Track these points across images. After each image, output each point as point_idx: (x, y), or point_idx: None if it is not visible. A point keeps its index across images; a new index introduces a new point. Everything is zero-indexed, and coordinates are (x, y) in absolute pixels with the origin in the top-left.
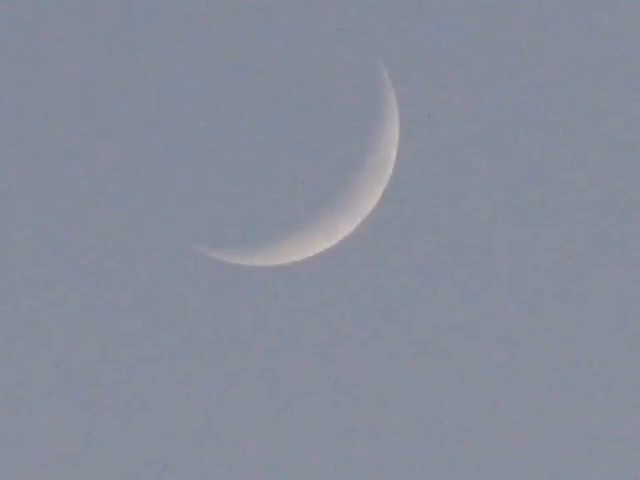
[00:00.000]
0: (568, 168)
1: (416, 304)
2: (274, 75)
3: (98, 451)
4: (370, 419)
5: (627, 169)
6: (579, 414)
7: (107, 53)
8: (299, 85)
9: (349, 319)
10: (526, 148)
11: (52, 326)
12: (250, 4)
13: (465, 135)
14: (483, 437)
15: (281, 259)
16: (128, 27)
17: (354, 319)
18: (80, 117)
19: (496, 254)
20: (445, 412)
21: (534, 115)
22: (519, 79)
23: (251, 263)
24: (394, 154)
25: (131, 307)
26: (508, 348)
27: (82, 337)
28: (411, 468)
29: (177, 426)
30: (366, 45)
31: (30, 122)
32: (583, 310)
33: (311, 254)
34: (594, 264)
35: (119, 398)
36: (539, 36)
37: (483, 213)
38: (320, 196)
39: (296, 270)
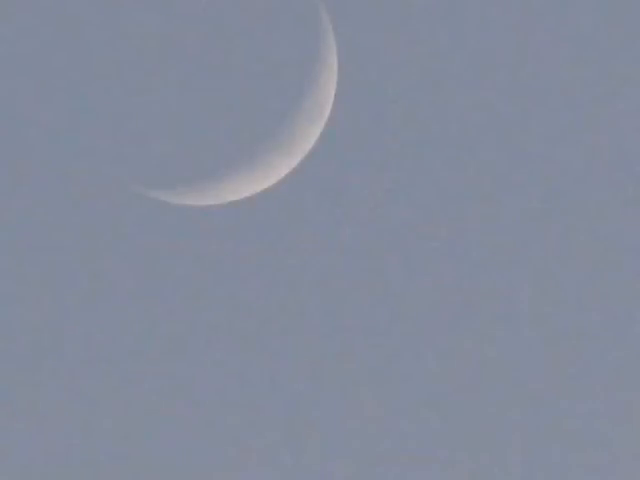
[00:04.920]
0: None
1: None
2: (207, 17)
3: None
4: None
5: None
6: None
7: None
8: (238, 29)
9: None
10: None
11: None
12: None
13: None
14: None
15: (217, 199)
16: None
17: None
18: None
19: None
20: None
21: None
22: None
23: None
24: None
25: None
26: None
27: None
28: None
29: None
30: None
31: None
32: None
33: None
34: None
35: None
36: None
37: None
38: (258, 134)
39: (233, 210)
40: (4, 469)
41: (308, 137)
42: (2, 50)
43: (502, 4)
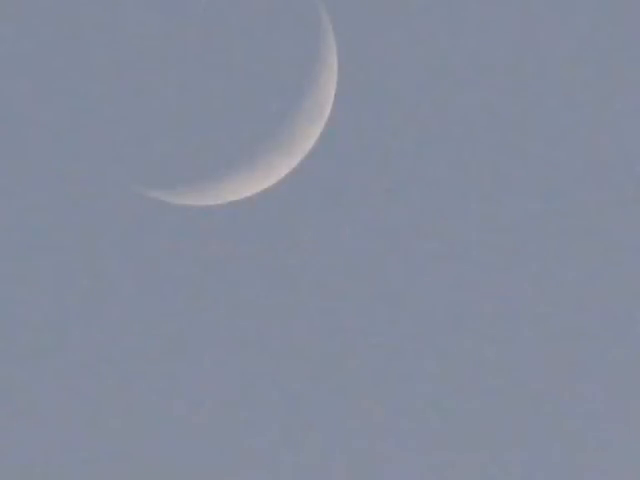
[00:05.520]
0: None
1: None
2: (212, 11)
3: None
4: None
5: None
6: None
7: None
8: (239, 28)
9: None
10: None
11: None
12: None
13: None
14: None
15: (217, 199)
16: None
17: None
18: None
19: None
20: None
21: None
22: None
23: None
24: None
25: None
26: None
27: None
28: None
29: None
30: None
31: None
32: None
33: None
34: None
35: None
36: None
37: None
38: (258, 135)
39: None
40: (4, 469)
41: (308, 137)
42: (2, 50)
43: (502, 4)
